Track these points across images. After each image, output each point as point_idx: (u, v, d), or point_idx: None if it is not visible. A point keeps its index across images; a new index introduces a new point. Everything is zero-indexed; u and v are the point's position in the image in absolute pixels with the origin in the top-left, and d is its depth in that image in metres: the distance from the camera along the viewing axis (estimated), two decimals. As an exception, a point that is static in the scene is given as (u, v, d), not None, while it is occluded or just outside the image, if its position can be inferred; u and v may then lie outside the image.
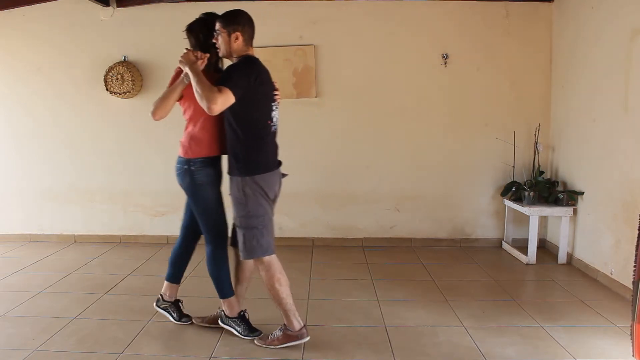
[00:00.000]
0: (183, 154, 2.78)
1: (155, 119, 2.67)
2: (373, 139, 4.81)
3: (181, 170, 2.79)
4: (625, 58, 3.50)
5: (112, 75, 4.71)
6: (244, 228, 2.69)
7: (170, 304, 3.07)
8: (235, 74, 2.58)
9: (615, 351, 2.71)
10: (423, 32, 4.69)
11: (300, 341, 2.76)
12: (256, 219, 2.67)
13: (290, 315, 2.76)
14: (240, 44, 2.67)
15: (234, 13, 2.70)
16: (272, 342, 2.78)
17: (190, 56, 2.60)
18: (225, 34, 2.64)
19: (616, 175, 3.64)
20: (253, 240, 2.67)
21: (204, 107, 2.47)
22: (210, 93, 2.44)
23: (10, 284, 3.84)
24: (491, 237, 4.88)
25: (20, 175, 5.07)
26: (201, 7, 4.33)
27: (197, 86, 2.49)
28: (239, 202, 2.68)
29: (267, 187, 2.69)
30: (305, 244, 4.92)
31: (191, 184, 2.78)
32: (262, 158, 2.70)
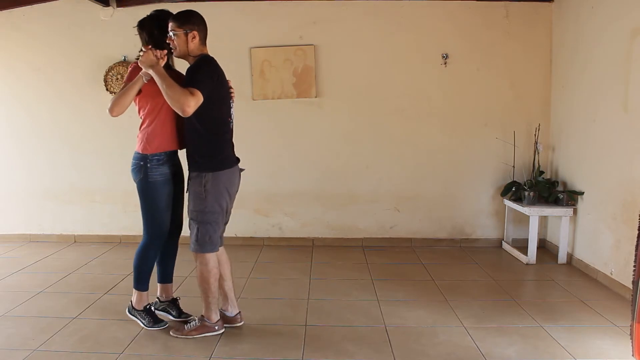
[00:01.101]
0: (140, 150, 2.80)
1: (113, 115, 2.70)
2: (373, 139, 4.81)
3: (137, 165, 2.82)
4: (625, 58, 3.50)
5: (112, 75, 4.72)
6: (198, 222, 2.76)
7: (168, 303, 3.09)
8: (200, 74, 2.65)
9: (615, 351, 2.71)
10: (423, 32, 4.69)
11: (215, 332, 2.89)
12: (212, 214, 2.76)
13: (213, 308, 2.88)
14: (196, 43, 2.73)
15: (188, 13, 2.75)
16: (190, 333, 2.88)
17: (151, 56, 2.62)
18: (182, 33, 2.69)
19: (616, 175, 3.64)
20: (206, 235, 2.77)
21: (177, 109, 2.56)
22: (183, 96, 2.53)
23: (10, 284, 3.84)
24: (491, 237, 4.88)
25: (21, 175, 5.08)
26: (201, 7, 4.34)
27: (167, 89, 2.56)
28: (198, 197, 2.74)
29: (229, 183, 2.80)
30: (305, 244, 4.92)
31: (143, 181, 2.81)
32: (224, 154, 2.80)
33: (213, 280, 2.84)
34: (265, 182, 4.87)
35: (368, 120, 4.80)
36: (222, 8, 4.61)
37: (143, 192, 2.85)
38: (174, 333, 2.90)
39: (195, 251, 2.80)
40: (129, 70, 2.77)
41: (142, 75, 2.65)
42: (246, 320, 3.06)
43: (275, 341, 2.85)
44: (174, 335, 2.89)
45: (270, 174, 4.88)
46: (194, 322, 2.92)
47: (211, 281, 2.83)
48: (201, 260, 2.81)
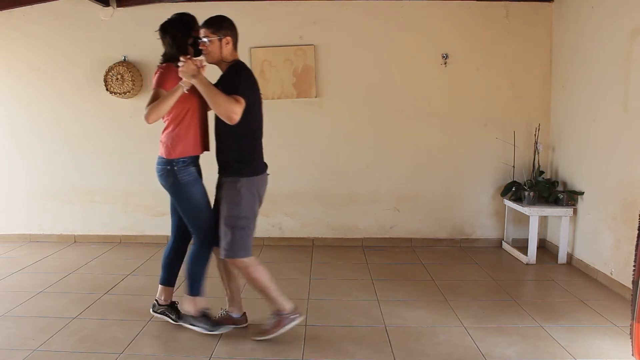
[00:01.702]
0: (166, 155, 2.75)
1: (149, 122, 2.63)
2: (373, 139, 4.81)
3: (164, 170, 2.76)
4: (625, 58, 3.50)
5: (112, 75, 4.71)
6: (233, 228, 2.72)
7: (167, 307, 3.05)
8: (240, 81, 2.64)
9: (614, 351, 2.71)
10: (423, 32, 4.69)
11: (296, 321, 2.84)
12: (246, 220, 2.74)
13: (280, 300, 2.83)
14: (230, 49, 2.72)
15: (220, 18, 2.73)
16: (272, 330, 2.82)
17: (192, 66, 2.58)
18: (216, 39, 2.66)
19: (616, 175, 3.64)
20: (241, 240, 2.73)
21: (225, 117, 2.56)
22: (230, 104, 2.53)
23: (10, 284, 3.84)
24: (491, 237, 4.88)
25: (21, 175, 5.07)
26: (201, 7, 4.35)
27: (214, 98, 2.55)
28: (232, 202, 2.71)
29: (261, 188, 2.80)
30: (305, 244, 4.92)
31: (175, 184, 2.76)
32: (257, 160, 2.81)
33: (262, 277, 2.79)
34: (265, 182, 4.87)
35: (368, 120, 4.80)
36: (221, 8, 4.59)
37: (179, 196, 2.80)
38: (256, 337, 2.84)
39: (229, 257, 2.75)
40: (157, 74, 2.69)
41: (182, 85, 2.59)
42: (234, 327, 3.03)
43: (275, 341, 2.84)
44: (258, 339, 2.83)
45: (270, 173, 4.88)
46: (270, 321, 2.84)
47: (261, 278, 2.79)
48: (239, 265, 2.77)
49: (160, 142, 2.78)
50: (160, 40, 2.79)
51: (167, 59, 2.77)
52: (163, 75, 2.68)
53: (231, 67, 2.72)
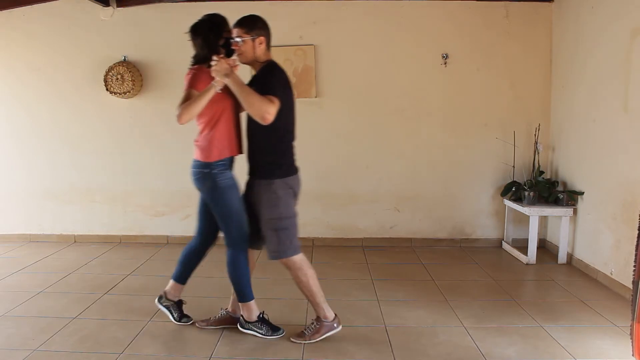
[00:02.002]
0: (203, 158, 2.71)
1: (182, 122, 2.59)
2: (373, 139, 4.81)
3: (201, 174, 2.73)
4: (625, 58, 3.50)
5: (112, 75, 4.71)
6: (275, 229, 2.71)
7: (173, 303, 3.05)
8: (275, 81, 2.62)
9: (615, 351, 2.71)
10: (423, 32, 4.69)
11: (336, 330, 2.84)
12: (288, 219, 2.73)
13: (323, 308, 2.83)
14: (263, 49, 2.70)
15: (254, 18, 2.70)
16: (313, 336, 2.81)
17: (225, 65, 2.55)
18: (249, 39, 2.64)
19: (616, 175, 3.64)
20: (287, 240, 2.72)
21: (258, 117, 2.53)
22: (264, 104, 2.50)
23: (10, 284, 3.84)
24: (491, 237, 4.88)
25: (21, 175, 5.07)
26: (201, 7, 4.34)
27: (247, 97, 2.53)
28: (270, 204, 2.69)
29: (296, 188, 2.80)
30: (305, 244, 4.88)
31: (213, 188, 2.73)
32: (291, 160, 2.79)
33: (312, 280, 2.79)
34: (265, 182, 4.87)
35: (368, 120, 4.80)
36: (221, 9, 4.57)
37: (216, 200, 2.75)
38: (295, 339, 2.83)
39: (278, 258, 2.74)
40: (190, 75, 2.66)
41: (214, 84, 2.57)
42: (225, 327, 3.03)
43: (275, 341, 2.85)
44: (296, 342, 2.81)
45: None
46: (312, 326, 2.84)
47: (311, 282, 2.78)
48: (291, 265, 2.75)
49: (195, 145, 2.75)
50: (191, 42, 2.75)
51: (198, 61, 2.74)
52: (195, 76, 2.65)
53: (265, 67, 2.69)
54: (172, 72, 4.74)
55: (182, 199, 4.88)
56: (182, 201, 4.90)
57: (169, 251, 4.71)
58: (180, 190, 4.86)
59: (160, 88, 4.83)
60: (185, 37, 2.81)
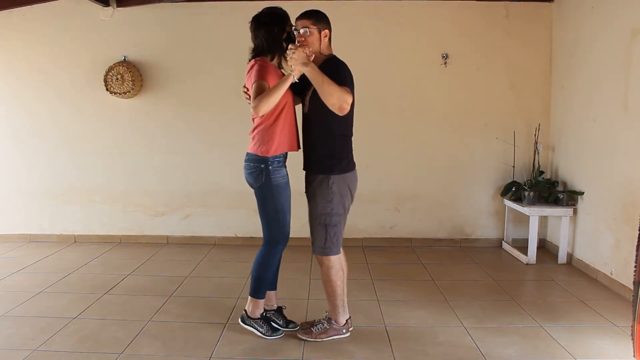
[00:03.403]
0: (260, 152, 2.66)
1: (260, 114, 2.54)
2: (373, 139, 4.80)
3: (256, 168, 2.68)
4: (625, 58, 3.50)
5: (112, 75, 4.71)
6: (325, 225, 2.70)
7: (274, 312, 2.99)
8: (346, 74, 2.60)
9: (615, 351, 2.71)
10: (423, 32, 4.69)
11: (343, 335, 2.84)
12: (338, 216, 2.72)
13: (340, 311, 2.83)
14: (327, 42, 2.69)
15: (319, 12, 2.70)
16: (319, 335, 2.82)
17: (303, 54, 2.50)
18: (316, 31, 2.62)
19: (616, 175, 3.64)
20: (334, 237, 2.72)
21: (336, 107, 2.48)
22: (343, 94, 2.47)
23: (10, 284, 3.83)
24: (491, 237, 4.88)
25: (21, 175, 5.07)
26: (201, 7, 4.35)
27: (327, 87, 2.47)
28: (324, 199, 2.68)
29: (353, 185, 2.76)
30: (305, 244, 4.86)
31: (266, 184, 2.69)
32: (350, 156, 2.75)
33: (340, 282, 2.79)
34: (265, 182, 4.87)
35: (368, 120, 4.78)
36: (221, 8, 4.61)
37: (266, 196, 2.72)
38: (301, 335, 2.84)
39: (323, 254, 2.73)
40: (255, 68, 2.60)
41: (292, 73, 2.52)
42: None
43: (275, 341, 2.85)
44: (302, 337, 2.82)
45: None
46: (321, 325, 2.84)
47: (338, 283, 2.78)
48: (328, 263, 2.75)
49: (252, 139, 2.71)
50: (252, 34, 2.70)
51: (258, 53, 2.69)
52: (263, 67, 2.61)
53: (329, 60, 2.66)
54: (172, 72, 4.75)
55: (182, 199, 4.88)
56: (182, 201, 4.90)
57: (168, 251, 4.71)
58: (180, 190, 4.86)
59: (160, 88, 4.83)
60: (185, 37, 2.80)
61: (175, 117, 4.86)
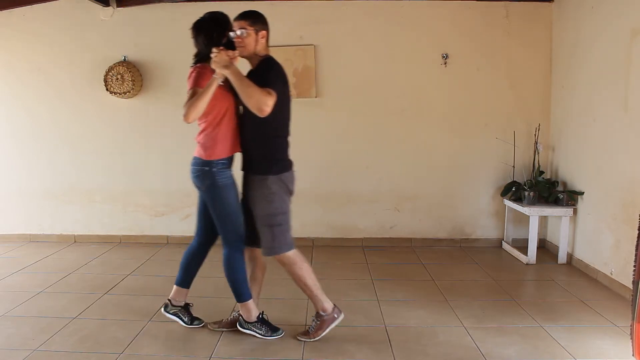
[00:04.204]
0: (205, 156, 2.70)
1: (189, 121, 2.57)
2: (373, 139, 4.81)
3: (201, 172, 2.72)
4: (625, 58, 3.50)
5: (112, 75, 4.71)
6: (270, 226, 2.72)
7: (180, 308, 3.01)
8: (274, 75, 2.63)
9: (614, 351, 2.71)
10: (423, 32, 4.69)
11: (338, 320, 2.85)
12: (282, 215, 2.74)
13: (321, 300, 2.84)
14: (264, 43, 2.72)
15: (256, 13, 2.72)
16: (317, 333, 2.82)
17: (225, 57, 2.54)
18: (253, 32, 2.65)
19: (616, 175, 3.64)
20: (281, 237, 2.73)
21: (255, 109, 2.51)
22: (263, 96, 2.50)
23: (10, 284, 3.83)
24: (491, 237, 4.88)
25: (21, 175, 5.07)
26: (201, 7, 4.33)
27: (246, 89, 2.52)
28: (265, 200, 2.70)
29: (291, 184, 2.80)
30: (305, 244, 4.91)
31: (212, 187, 2.72)
32: (286, 156, 2.80)
33: (308, 274, 2.80)
34: (265, 182, 4.87)
35: (368, 120, 4.80)
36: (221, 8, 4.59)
37: (215, 198, 2.75)
38: (301, 337, 2.84)
39: (275, 254, 2.74)
40: (193, 74, 2.63)
41: (215, 77, 2.55)
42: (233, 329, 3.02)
43: (275, 341, 2.85)
44: (302, 339, 2.82)
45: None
46: (314, 323, 2.84)
47: (306, 276, 2.79)
48: (286, 260, 2.76)
49: (197, 143, 2.75)
50: (193, 40, 2.74)
51: (200, 59, 2.72)
52: (200, 74, 2.63)
53: (264, 61, 2.70)
54: (172, 72, 4.74)
55: (182, 199, 4.88)
56: (182, 201, 4.90)
57: (169, 251, 4.71)
58: (180, 190, 4.85)
59: (160, 88, 4.83)
60: (185, 37, 2.80)
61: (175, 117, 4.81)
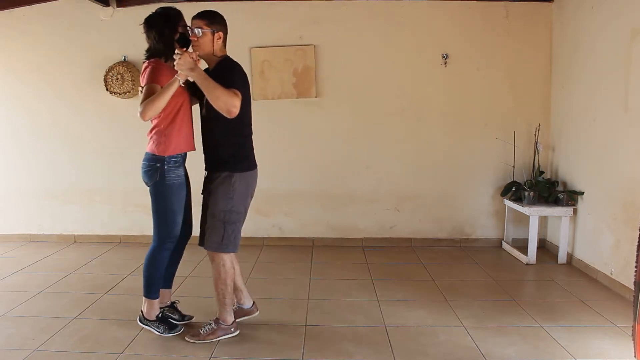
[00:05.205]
0: (157, 151, 2.70)
1: (145, 119, 2.60)
2: (373, 139, 4.81)
3: (151, 167, 2.73)
4: (625, 58, 3.50)
5: (112, 75, 4.71)
6: (224, 222, 2.72)
7: (167, 308, 3.02)
8: (236, 76, 2.64)
9: (615, 351, 2.71)
10: (423, 32, 4.69)
11: (232, 334, 2.85)
12: (237, 214, 2.77)
13: (229, 310, 2.85)
14: (220, 44, 2.72)
15: (214, 13, 2.72)
16: (207, 337, 2.82)
17: (189, 59, 2.54)
18: (209, 32, 2.66)
19: (616, 175, 3.64)
20: (232, 235, 2.75)
21: (224, 110, 2.53)
22: (230, 97, 2.51)
23: (10, 284, 3.84)
24: (491, 237, 4.88)
25: (20, 175, 5.07)
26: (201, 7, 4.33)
27: (214, 91, 2.52)
28: (226, 197, 2.71)
29: (253, 183, 2.83)
30: (305, 244, 4.92)
31: (160, 183, 2.73)
32: (249, 155, 2.83)
33: (230, 281, 2.81)
34: (266, 182, 4.83)
35: (368, 120, 4.80)
36: (221, 8, 4.59)
37: (158, 195, 2.76)
38: (189, 338, 2.83)
39: (217, 251, 2.74)
40: (148, 70, 2.63)
41: (177, 78, 2.55)
42: (246, 320, 3.06)
43: (275, 341, 2.85)
44: (190, 341, 2.82)
45: (270, 174, 4.88)
46: (209, 326, 2.85)
47: (228, 282, 2.80)
48: (219, 260, 2.76)
49: (149, 139, 2.76)
50: (145, 35, 2.74)
51: (152, 54, 2.72)
52: (155, 70, 2.63)
53: (223, 62, 2.71)
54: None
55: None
56: (182, 201, 4.89)
57: (169, 251, 4.70)
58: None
59: (160, 88, 4.82)
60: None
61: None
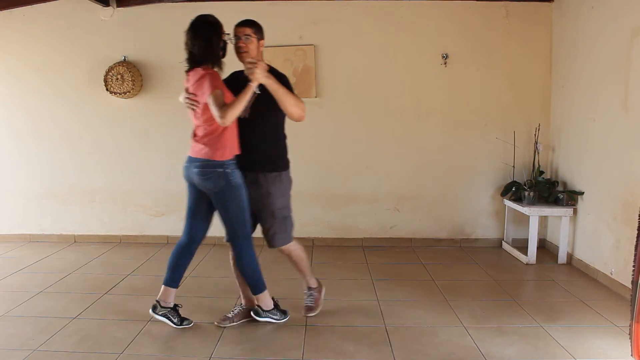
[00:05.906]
0: (217, 157, 2.74)
1: (229, 124, 2.65)
2: (373, 139, 4.81)
3: (214, 173, 2.75)
4: (625, 58, 3.50)
5: (112, 75, 4.71)
6: (284, 218, 2.96)
7: (170, 310, 3.00)
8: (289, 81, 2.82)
9: (614, 351, 2.71)
10: (423, 32, 4.69)
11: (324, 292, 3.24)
12: (288, 209, 3.01)
13: (312, 275, 3.21)
14: (262, 52, 2.87)
15: (255, 21, 2.88)
16: (318, 302, 3.18)
17: (264, 68, 2.64)
18: (256, 40, 2.80)
19: (616, 175, 3.64)
20: (290, 226, 3.02)
21: (296, 115, 2.76)
22: (302, 103, 2.77)
23: (10, 284, 3.83)
24: (491, 237, 4.88)
25: (20, 176, 5.07)
26: (201, 7, 4.34)
27: (288, 98, 2.71)
28: (282, 194, 2.94)
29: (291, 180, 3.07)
30: (305, 244, 4.84)
31: (227, 187, 2.78)
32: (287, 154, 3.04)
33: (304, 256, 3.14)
34: (265, 182, 4.87)
35: (368, 120, 4.80)
36: (221, 8, 4.59)
37: (230, 198, 2.81)
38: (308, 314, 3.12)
39: (287, 243, 3.00)
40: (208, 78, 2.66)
41: (252, 84, 2.63)
42: (246, 320, 3.06)
43: (275, 341, 2.85)
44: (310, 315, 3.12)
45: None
46: (311, 296, 3.17)
47: (303, 256, 3.12)
48: (292, 249, 3.04)
49: (204, 145, 2.76)
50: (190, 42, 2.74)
51: (201, 62, 2.73)
52: (214, 77, 2.70)
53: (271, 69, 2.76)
54: (172, 72, 4.73)
55: (182, 199, 4.84)
56: (182, 201, 4.85)
57: (168, 251, 4.59)
58: (180, 190, 4.78)
59: (160, 88, 4.83)
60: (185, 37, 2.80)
61: (175, 117, 4.85)
